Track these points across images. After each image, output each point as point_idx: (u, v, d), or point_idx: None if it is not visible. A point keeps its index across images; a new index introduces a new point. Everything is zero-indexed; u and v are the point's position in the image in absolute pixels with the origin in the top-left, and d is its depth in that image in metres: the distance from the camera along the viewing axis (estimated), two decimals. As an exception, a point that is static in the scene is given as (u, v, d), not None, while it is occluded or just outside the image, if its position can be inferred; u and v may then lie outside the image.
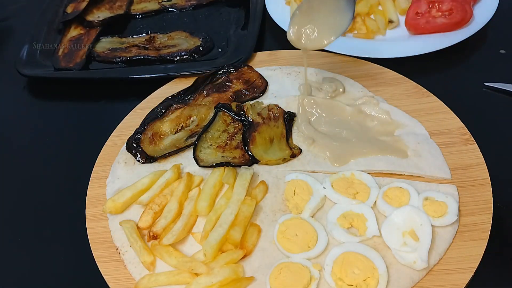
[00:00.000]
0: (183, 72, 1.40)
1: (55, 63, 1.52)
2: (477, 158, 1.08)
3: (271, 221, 1.01)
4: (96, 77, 1.48)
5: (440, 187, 1.03)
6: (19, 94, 1.52)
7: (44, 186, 1.21)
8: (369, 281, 0.88)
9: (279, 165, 1.12)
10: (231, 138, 1.17)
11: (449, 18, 1.39)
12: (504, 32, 1.48)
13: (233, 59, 1.42)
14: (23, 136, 1.37)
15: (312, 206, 1.01)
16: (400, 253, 0.92)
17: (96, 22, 1.67)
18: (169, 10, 1.76)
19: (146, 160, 1.16)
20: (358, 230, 0.97)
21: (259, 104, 1.24)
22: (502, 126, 1.21)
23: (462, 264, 0.91)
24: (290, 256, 0.94)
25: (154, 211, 1.02)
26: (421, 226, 0.94)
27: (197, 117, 1.25)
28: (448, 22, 1.40)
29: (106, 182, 1.14)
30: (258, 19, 1.58)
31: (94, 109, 1.43)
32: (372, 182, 1.04)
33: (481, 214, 0.98)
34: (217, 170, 1.08)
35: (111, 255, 1.00)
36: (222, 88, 1.33)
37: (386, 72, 1.32)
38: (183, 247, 0.99)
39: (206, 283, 0.88)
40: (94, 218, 1.07)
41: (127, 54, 1.53)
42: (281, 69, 1.37)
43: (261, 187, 1.06)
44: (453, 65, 1.40)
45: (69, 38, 1.63)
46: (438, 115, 1.18)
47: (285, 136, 1.17)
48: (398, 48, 1.39)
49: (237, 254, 0.93)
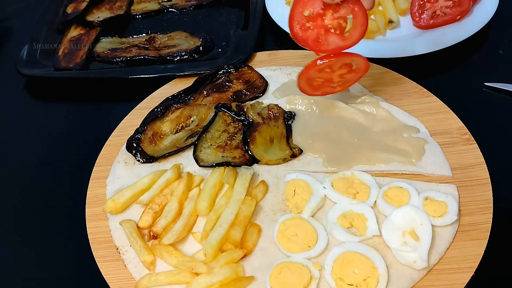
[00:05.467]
0: (183, 72, 1.40)
1: (55, 63, 1.52)
2: (477, 158, 1.08)
3: (271, 221, 1.01)
4: (96, 77, 1.48)
5: (440, 187, 1.03)
6: (19, 94, 1.52)
7: (44, 186, 1.21)
8: (369, 281, 0.88)
9: (279, 165, 1.12)
10: (231, 138, 1.18)
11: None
12: (504, 32, 1.48)
13: (233, 59, 1.42)
14: (23, 136, 1.37)
15: (312, 206, 1.01)
16: (400, 253, 0.92)
17: (96, 22, 1.67)
18: (169, 10, 1.76)
19: (146, 160, 1.16)
20: (358, 230, 0.97)
21: (259, 104, 1.24)
22: (502, 126, 1.21)
23: (462, 264, 0.91)
24: (290, 256, 0.94)
25: (154, 211, 1.02)
26: (421, 225, 0.94)
27: (197, 117, 1.25)
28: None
29: (106, 182, 1.14)
30: (258, 19, 1.58)
31: (94, 109, 1.43)
32: (372, 182, 1.04)
33: (481, 214, 0.98)
34: (217, 170, 1.08)
35: (111, 255, 1.00)
36: (222, 88, 1.33)
37: (386, 72, 1.32)
38: (183, 247, 0.99)
39: (206, 282, 0.88)
40: (94, 218, 1.07)
41: (127, 54, 1.53)
42: (281, 69, 1.37)
43: (261, 187, 1.06)
44: (453, 65, 1.41)
45: (69, 38, 1.63)
46: (438, 115, 1.18)
47: (285, 136, 1.17)
48: (398, 48, 1.39)
49: (237, 253, 0.93)
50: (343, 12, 0.96)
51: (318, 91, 1.13)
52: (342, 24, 0.97)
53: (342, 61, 1.03)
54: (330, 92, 1.15)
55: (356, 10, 0.95)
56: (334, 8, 0.95)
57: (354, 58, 1.03)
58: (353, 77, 1.11)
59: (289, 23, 0.99)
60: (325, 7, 0.96)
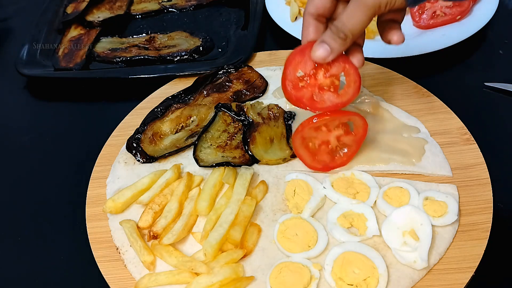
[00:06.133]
0: (183, 72, 1.40)
1: (55, 63, 1.52)
2: (477, 158, 1.08)
3: (271, 221, 1.01)
4: (96, 77, 1.47)
5: (440, 186, 1.03)
6: (19, 94, 1.52)
7: (44, 186, 1.21)
8: (369, 281, 0.88)
9: (279, 165, 1.12)
10: (231, 138, 1.18)
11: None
12: (504, 32, 1.48)
13: (233, 59, 1.42)
14: (23, 136, 1.37)
15: (312, 206, 1.01)
16: (400, 253, 0.92)
17: (96, 22, 1.67)
18: (169, 10, 1.76)
19: (146, 160, 1.16)
20: (358, 230, 0.97)
21: (259, 104, 1.24)
22: (502, 126, 1.21)
23: (462, 264, 0.91)
24: (290, 256, 0.94)
25: (154, 211, 1.02)
26: (421, 225, 0.94)
27: (197, 117, 1.25)
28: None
29: (106, 182, 1.14)
30: (258, 19, 1.58)
31: (94, 109, 1.43)
32: (372, 182, 1.04)
33: (481, 213, 0.98)
34: (217, 170, 1.08)
35: (111, 255, 1.00)
36: (222, 88, 1.33)
37: (386, 72, 1.32)
38: (183, 247, 0.99)
39: (206, 282, 0.88)
40: (94, 217, 1.07)
41: (127, 54, 1.53)
42: (281, 69, 1.36)
43: (261, 187, 1.06)
44: (453, 65, 1.41)
45: (69, 38, 1.63)
46: (438, 115, 1.18)
47: (285, 136, 1.17)
48: (398, 48, 1.39)
49: (237, 253, 0.93)
50: (335, 70, 0.96)
51: (316, 156, 1.07)
52: (335, 82, 0.97)
53: (338, 119, 1.02)
54: (328, 162, 1.08)
55: (347, 67, 0.95)
56: (326, 67, 0.96)
57: (352, 117, 1.02)
58: (351, 141, 1.05)
59: (282, 83, 1.01)
60: (317, 66, 0.96)
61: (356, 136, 1.05)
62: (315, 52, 0.92)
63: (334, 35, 0.89)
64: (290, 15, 1.56)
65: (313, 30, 0.95)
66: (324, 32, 0.92)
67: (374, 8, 0.85)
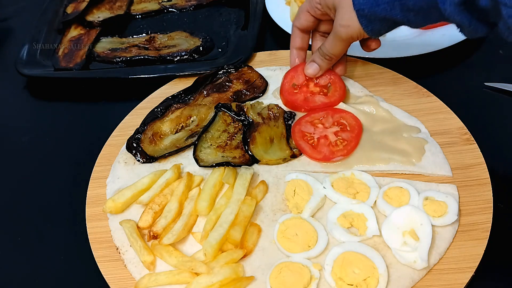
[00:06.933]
0: (183, 72, 1.40)
1: (55, 63, 1.52)
2: (477, 158, 1.08)
3: (271, 221, 1.01)
4: (96, 77, 1.47)
5: (440, 186, 1.03)
6: (19, 94, 1.52)
7: (44, 186, 1.21)
8: (369, 281, 0.88)
9: (279, 165, 1.12)
10: (231, 138, 1.18)
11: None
12: (504, 32, 1.48)
13: (233, 59, 1.42)
14: (23, 136, 1.37)
15: (312, 206, 1.01)
16: (400, 253, 0.92)
17: (96, 22, 1.67)
18: (169, 10, 1.76)
19: (146, 160, 1.16)
20: (358, 230, 0.97)
21: (259, 104, 1.24)
22: (502, 126, 1.21)
23: (462, 264, 0.91)
24: (290, 256, 0.94)
25: (154, 211, 1.02)
26: (421, 225, 0.94)
27: (197, 117, 1.25)
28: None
29: (106, 182, 1.14)
30: (258, 19, 1.58)
31: (94, 109, 1.43)
32: (372, 182, 1.04)
33: (481, 213, 0.98)
34: (217, 170, 1.08)
35: (111, 255, 1.00)
36: (222, 88, 1.33)
37: (386, 72, 1.32)
38: (183, 247, 0.99)
39: (206, 282, 0.88)
40: (94, 218, 1.07)
41: (127, 54, 1.53)
42: (281, 69, 1.37)
43: (261, 187, 1.06)
44: (453, 65, 1.41)
45: (69, 38, 1.63)
46: (438, 115, 1.18)
47: (285, 136, 1.17)
48: (398, 48, 1.39)
49: (237, 253, 0.93)
50: (323, 81, 1.21)
51: (317, 148, 1.12)
52: (324, 89, 1.21)
53: (330, 115, 1.17)
54: (328, 154, 1.11)
55: (332, 78, 1.21)
56: (315, 79, 1.21)
57: (343, 114, 1.16)
58: (349, 136, 1.12)
59: (280, 92, 1.25)
60: (308, 79, 1.21)
61: (352, 132, 1.12)
62: (307, 69, 1.19)
63: (322, 57, 1.14)
64: (290, 15, 1.56)
65: (299, 40, 1.21)
66: (307, 41, 1.22)
67: (348, 40, 1.07)
